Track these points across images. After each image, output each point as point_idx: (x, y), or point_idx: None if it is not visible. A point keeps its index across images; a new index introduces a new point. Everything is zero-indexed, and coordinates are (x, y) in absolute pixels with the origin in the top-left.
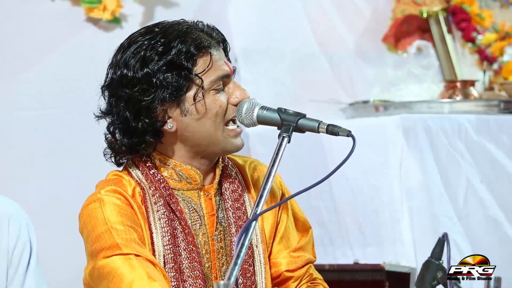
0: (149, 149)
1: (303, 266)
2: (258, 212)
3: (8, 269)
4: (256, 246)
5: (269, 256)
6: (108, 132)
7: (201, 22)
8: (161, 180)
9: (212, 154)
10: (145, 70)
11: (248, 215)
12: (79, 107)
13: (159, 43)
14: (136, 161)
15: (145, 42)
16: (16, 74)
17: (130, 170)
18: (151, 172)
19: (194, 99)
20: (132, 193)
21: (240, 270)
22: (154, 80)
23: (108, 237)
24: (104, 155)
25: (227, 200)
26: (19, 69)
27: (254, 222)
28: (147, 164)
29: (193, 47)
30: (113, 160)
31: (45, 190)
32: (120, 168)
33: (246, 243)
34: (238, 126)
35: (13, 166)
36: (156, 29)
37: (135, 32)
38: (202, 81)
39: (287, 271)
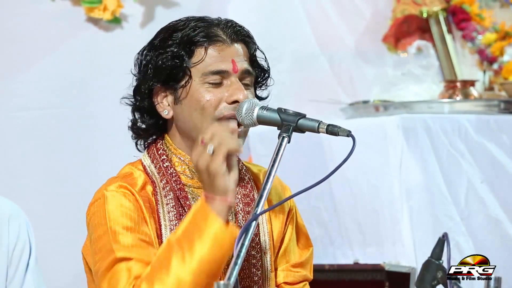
0: (159, 133)
1: (300, 282)
2: (258, 212)
3: (8, 269)
4: (265, 253)
5: None
6: (132, 115)
7: (225, 19)
8: (173, 174)
9: None
10: (149, 56)
11: (259, 221)
12: (79, 107)
13: (167, 34)
14: (151, 153)
15: (160, 34)
16: (16, 74)
17: (144, 162)
18: (164, 166)
19: (184, 88)
20: (141, 186)
21: (247, 273)
22: (153, 64)
23: (106, 239)
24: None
25: (238, 203)
26: (19, 69)
27: (254, 222)
28: (162, 158)
29: (190, 37)
30: (141, 144)
31: (45, 191)
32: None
33: (246, 243)
34: (238, 126)
35: (13, 166)
36: (177, 21)
37: None
38: (190, 72)
39: (286, 283)
